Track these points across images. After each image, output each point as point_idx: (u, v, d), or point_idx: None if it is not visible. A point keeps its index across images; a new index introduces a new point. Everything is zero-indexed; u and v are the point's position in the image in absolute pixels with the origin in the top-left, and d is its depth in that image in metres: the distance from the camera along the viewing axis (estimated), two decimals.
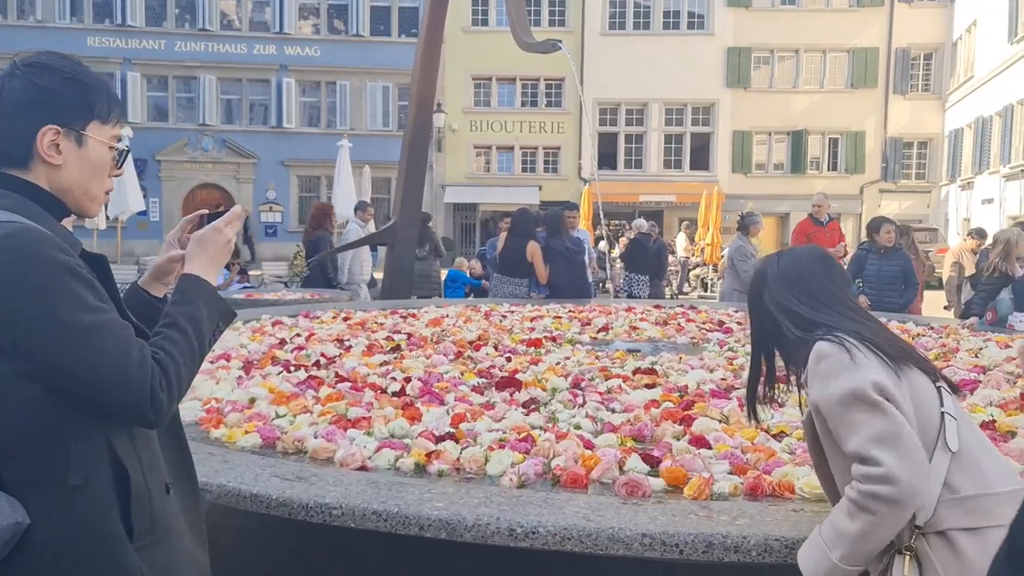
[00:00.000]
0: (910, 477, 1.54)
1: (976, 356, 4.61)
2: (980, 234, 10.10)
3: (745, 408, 2.13)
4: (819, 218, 9.30)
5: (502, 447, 2.66)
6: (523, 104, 30.03)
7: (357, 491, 2.18)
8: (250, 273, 15.68)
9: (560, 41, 7.80)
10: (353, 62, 29.52)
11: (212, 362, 4.12)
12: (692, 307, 7.22)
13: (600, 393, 3.52)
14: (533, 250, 7.79)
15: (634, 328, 5.83)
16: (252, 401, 3.32)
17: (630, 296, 12.11)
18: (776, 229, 29.98)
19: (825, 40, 28.89)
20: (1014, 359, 4.45)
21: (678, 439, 2.80)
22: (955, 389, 1.83)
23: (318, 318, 6.16)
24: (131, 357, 1.41)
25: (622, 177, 29.20)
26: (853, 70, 29.20)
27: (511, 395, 3.48)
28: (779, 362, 2.04)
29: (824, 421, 1.73)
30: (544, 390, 3.61)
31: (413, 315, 6.41)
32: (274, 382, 3.64)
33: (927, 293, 9.85)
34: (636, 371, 4.01)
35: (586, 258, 8.57)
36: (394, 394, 3.48)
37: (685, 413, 3.09)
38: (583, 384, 3.72)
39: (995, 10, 23.27)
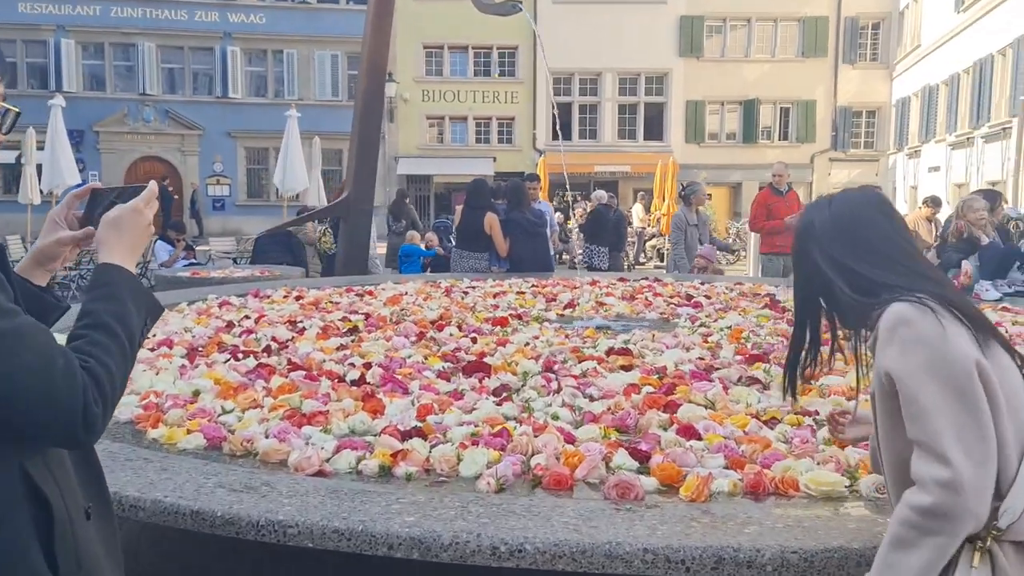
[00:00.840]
0: (977, 494, 1.32)
1: None
2: (935, 202, 10.11)
3: (784, 382, 1.84)
4: (779, 188, 9.16)
5: (475, 443, 2.42)
6: (476, 73, 29.51)
7: (315, 503, 1.92)
8: (197, 249, 15.14)
9: (521, 1, 7.48)
10: (300, 30, 28.63)
11: (152, 349, 3.80)
12: (657, 280, 7.04)
13: (575, 377, 3.30)
14: (491, 222, 7.53)
15: (601, 304, 5.62)
16: (196, 394, 3.02)
17: (590, 268, 11.93)
18: (729, 199, 30.13)
19: (776, 8, 28.84)
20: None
21: (665, 429, 2.59)
22: None
23: (268, 297, 5.83)
24: (56, 368, 1.14)
25: (576, 148, 28.93)
26: (804, 39, 29.25)
27: (480, 381, 3.24)
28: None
29: (889, 397, 1.46)
30: (515, 374, 3.38)
31: (370, 293, 6.11)
32: (220, 371, 3.35)
33: None
34: (610, 351, 3.79)
35: (548, 231, 8.35)
36: (353, 383, 3.21)
37: (668, 399, 2.88)
38: (556, 367, 3.49)
39: None
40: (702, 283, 6.79)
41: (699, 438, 2.47)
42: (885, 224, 1.63)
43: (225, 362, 3.58)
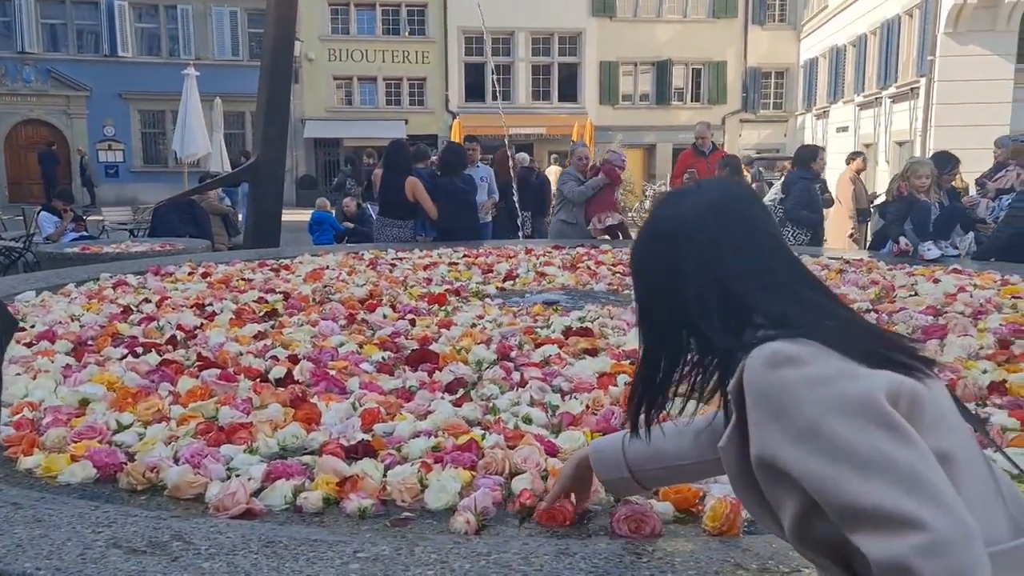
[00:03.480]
0: (967, 539, 0.93)
1: (915, 294, 4.28)
2: (858, 154, 10.10)
3: (627, 421, 1.38)
4: (702, 148, 8.89)
5: (439, 461, 1.98)
6: (385, 32, 28.46)
7: (247, 566, 1.45)
8: (88, 220, 14.01)
9: None
10: None
11: (30, 345, 3.20)
12: (595, 247, 6.68)
13: (537, 366, 2.89)
14: (413, 186, 7.00)
15: (542, 274, 5.22)
16: (84, 404, 2.48)
17: (511, 233, 11.53)
18: (643, 161, 30.14)
19: None
20: (952, 295, 4.14)
21: None
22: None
23: (171, 275, 5.20)
24: None
25: (491, 109, 28.33)
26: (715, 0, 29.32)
27: (429, 375, 2.79)
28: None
29: (775, 477, 1.06)
30: (467, 364, 2.94)
31: (287, 267, 5.55)
32: (115, 372, 2.79)
33: None
34: (568, 332, 3.39)
35: (486, 196, 7.94)
36: (279, 382, 2.71)
37: None
38: (513, 354, 3.07)
39: None
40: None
41: None
42: (770, 228, 1.26)
43: (121, 359, 3.02)
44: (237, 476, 1.91)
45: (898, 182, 6.20)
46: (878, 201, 9.30)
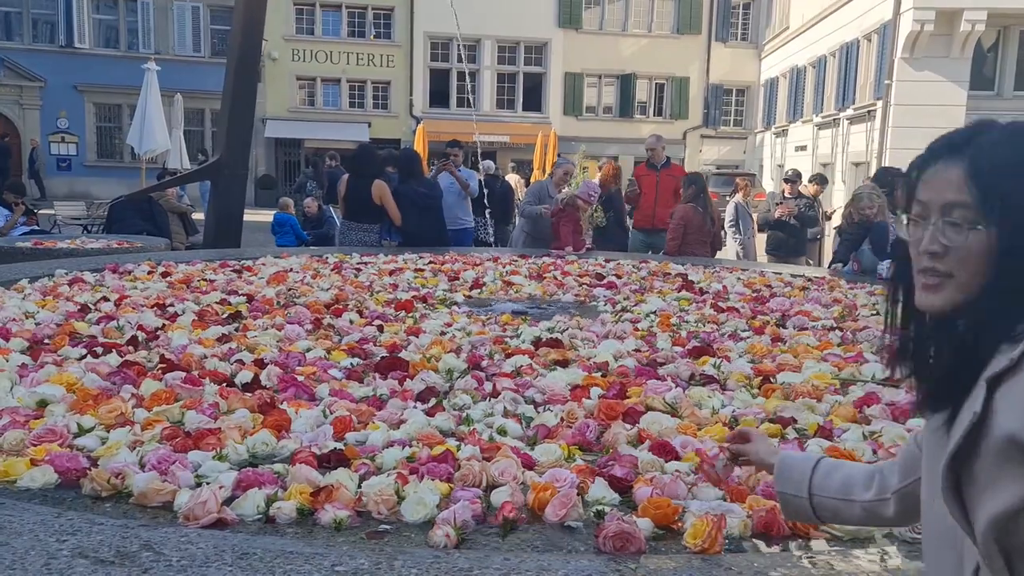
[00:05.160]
0: None
1: (876, 312, 4.35)
2: (821, 180, 10.22)
3: (890, 364, 1.13)
4: (653, 162, 8.53)
5: (414, 471, 1.95)
6: (350, 34, 28.27)
7: None
8: (40, 212, 13.63)
9: None
10: None
11: None
12: (560, 256, 6.68)
13: (509, 376, 2.87)
14: (380, 191, 6.93)
15: (508, 284, 5.20)
16: (42, 406, 2.39)
17: (476, 240, 11.50)
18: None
19: None
20: None
21: (634, 445, 2.20)
22: None
23: (130, 274, 5.08)
24: None
25: (455, 115, 28.30)
26: (679, 15, 29.67)
27: (400, 383, 2.75)
28: None
29: (1011, 459, 0.91)
30: (436, 371, 2.91)
31: (249, 269, 5.45)
32: (74, 373, 2.70)
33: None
34: (538, 343, 3.38)
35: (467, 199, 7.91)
36: (245, 387, 2.65)
37: (624, 404, 2.50)
38: (484, 364, 3.04)
39: None
40: (607, 260, 6.50)
41: (677, 457, 2.10)
42: None
43: (80, 359, 2.93)
44: (207, 484, 1.85)
45: (848, 209, 6.32)
46: (833, 223, 9.47)
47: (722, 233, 8.56)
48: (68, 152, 27.32)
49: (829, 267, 6.16)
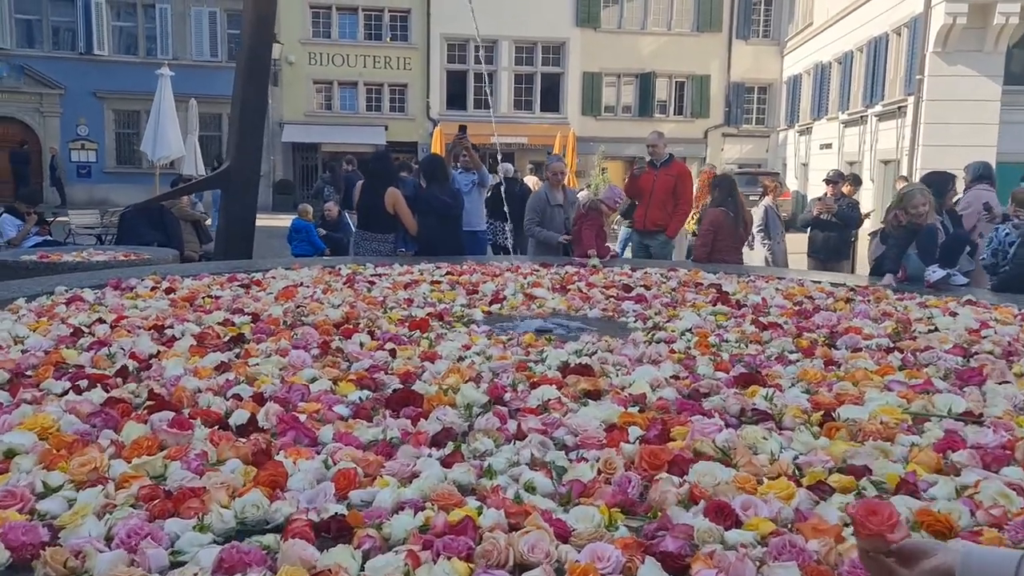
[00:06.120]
0: None
1: (934, 329, 4.00)
2: (856, 181, 9.83)
3: None
4: (654, 160, 8.01)
5: (428, 546, 1.64)
6: (367, 37, 28.12)
7: None
8: (58, 220, 13.49)
9: None
10: None
11: None
12: (582, 265, 6.37)
13: (535, 412, 2.55)
14: (394, 199, 6.67)
15: (530, 297, 4.89)
16: (9, 457, 2.11)
17: (494, 246, 11.22)
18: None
19: None
20: (976, 332, 3.87)
21: (686, 506, 1.88)
22: None
23: (132, 290, 4.82)
24: None
25: (471, 117, 28.04)
26: (699, 13, 29.24)
27: (413, 423, 2.45)
28: None
29: None
30: (454, 407, 2.61)
31: (258, 283, 5.17)
32: (52, 414, 2.42)
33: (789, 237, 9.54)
34: (566, 370, 3.06)
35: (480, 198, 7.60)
36: (240, 430, 2.36)
37: (671, 452, 2.18)
38: (507, 396, 2.73)
39: None
40: (634, 270, 6.17)
41: (739, 523, 1.78)
42: None
43: (62, 395, 2.65)
44: (181, 567, 1.56)
45: (894, 211, 5.92)
46: (871, 226, 9.10)
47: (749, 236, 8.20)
48: (88, 159, 27.39)
49: (879, 277, 5.78)
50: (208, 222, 10.55)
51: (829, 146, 23.69)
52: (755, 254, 9.72)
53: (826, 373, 3.11)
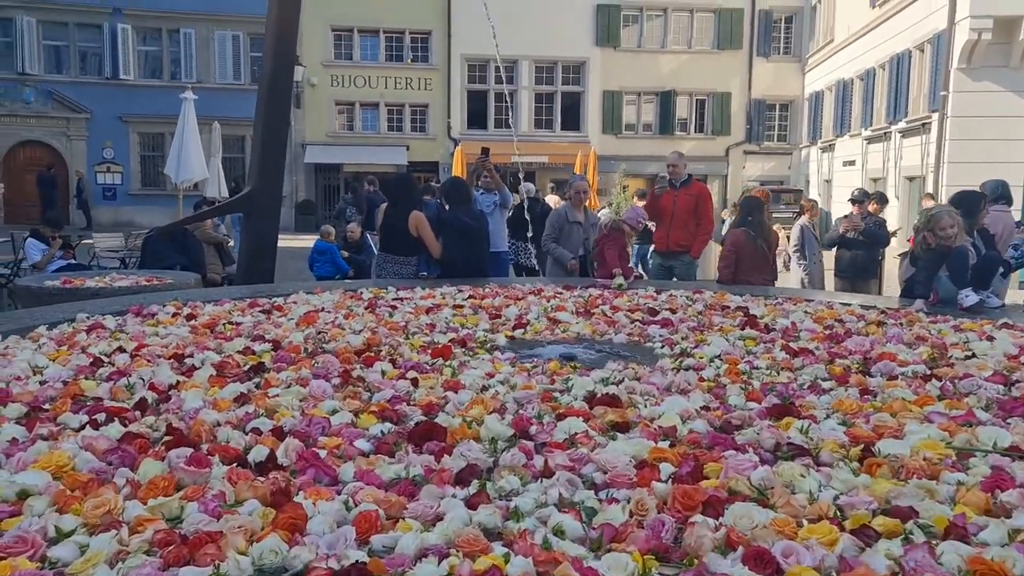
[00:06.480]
0: None
1: (971, 355, 3.87)
2: (882, 199, 9.68)
3: None
4: (673, 180, 8.01)
5: None
6: (388, 59, 28.36)
7: None
8: (83, 242, 13.61)
9: None
10: (198, 7, 26.85)
11: None
12: (605, 287, 6.28)
13: (562, 447, 2.47)
14: (417, 221, 6.63)
15: (554, 321, 4.81)
16: (22, 499, 2.06)
17: (516, 265, 11.18)
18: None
19: None
20: (1015, 358, 3.74)
21: (723, 552, 1.79)
22: None
23: (153, 316, 4.79)
24: None
25: (493, 137, 28.12)
26: (719, 31, 29.22)
27: (436, 458, 2.38)
28: None
29: None
30: (478, 440, 2.53)
31: (279, 308, 5.14)
32: (68, 451, 2.37)
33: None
34: (592, 400, 2.98)
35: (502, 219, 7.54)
36: (259, 467, 2.29)
37: (705, 491, 2.08)
38: (532, 430, 2.65)
39: None
40: (659, 292, 6.07)
41: (780, 572, 1.68)
42: None
43: (78, 430, 2.61)
44: None
45: (923, 232, 5.78)
46: (899, 245, 8.94)
47: (778, 258, 8.07)
48: (113, 181, 27.75)
49: (911, 300, 5.65)
50: (231, 244, 10.59)
51: (853, 163, 23.49)
52: (791, 275, 9.59)
53: (862, 403, 3.00)
